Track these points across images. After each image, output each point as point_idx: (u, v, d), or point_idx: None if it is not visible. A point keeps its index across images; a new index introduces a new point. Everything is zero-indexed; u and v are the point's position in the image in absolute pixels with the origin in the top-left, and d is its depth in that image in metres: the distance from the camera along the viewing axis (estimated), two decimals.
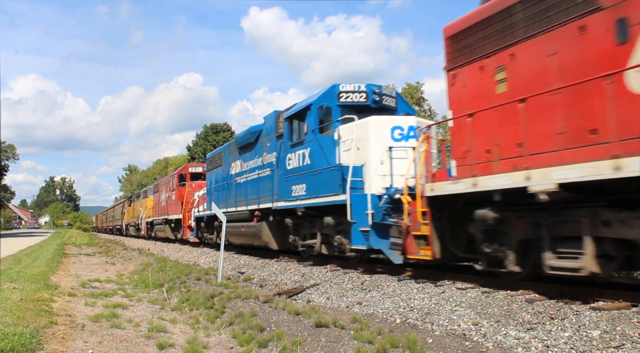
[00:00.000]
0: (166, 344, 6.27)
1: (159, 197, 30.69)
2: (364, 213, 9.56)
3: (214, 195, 18.99)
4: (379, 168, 9.74)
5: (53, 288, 10.47)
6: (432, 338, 5.69)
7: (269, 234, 13.87)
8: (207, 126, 60.34)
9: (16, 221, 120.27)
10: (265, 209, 13.93)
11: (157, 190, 31.91)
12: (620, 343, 4.72)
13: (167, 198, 27.98)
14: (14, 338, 5.56)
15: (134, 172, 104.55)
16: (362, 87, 11.23)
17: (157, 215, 30.92)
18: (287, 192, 12.44)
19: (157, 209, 31.07)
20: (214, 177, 19.54)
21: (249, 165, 15.68)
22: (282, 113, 13.31)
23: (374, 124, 9.98)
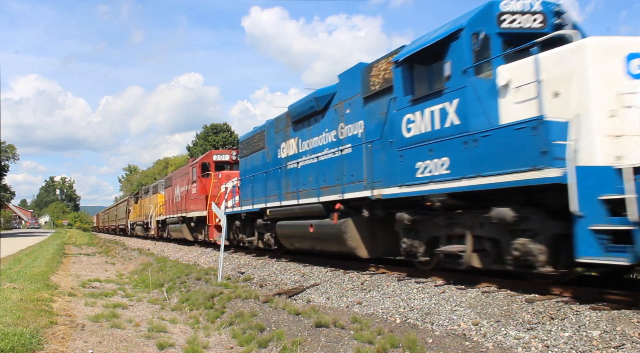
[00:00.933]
0: (166, 344, 6.28)
1: (173, 192, 26.52)
2: (596, 200, 5.62)
3: (254, 185, 15.21)
4: (608, 124, 5.98)
5: (53, 288, 10.47)
6: (432, 338, 5.69)
7: (357, 236, 9.93)
8: (207, 126, 60.39)
9: (16, 221, 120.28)
10: (354, 200, 9.94)
11: (169, 184, 27.87)
12: (620, 343, 4.72)
13: (185, 193, 23.61)
14: (14, 338, 5.56)
15: (134, 172, 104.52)
16: (535, 5, 7.47)
17: (171, 212, 26.62)
18: (403, 172, 8.41)
19: (171, 206, 26.94)
20: (252, 164, 15.86)
21: (312, 143, 12.02)
22: (384, 60, 9.36)
23: (596, 50, 6.18)
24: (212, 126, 60.09)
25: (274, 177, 13.90)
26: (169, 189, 27.86)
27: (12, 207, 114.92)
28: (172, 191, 26.71)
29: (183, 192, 24.11)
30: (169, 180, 28.48)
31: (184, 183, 24.01)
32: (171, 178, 27.85)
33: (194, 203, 21.59)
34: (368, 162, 9.55)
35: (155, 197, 32.45)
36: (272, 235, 13.85)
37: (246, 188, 15.94)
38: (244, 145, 16.78)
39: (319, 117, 11.71)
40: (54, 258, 18.66)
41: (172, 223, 25.97)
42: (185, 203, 23.18)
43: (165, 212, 28.26)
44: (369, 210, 9.58)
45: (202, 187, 21.10)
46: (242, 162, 16.83)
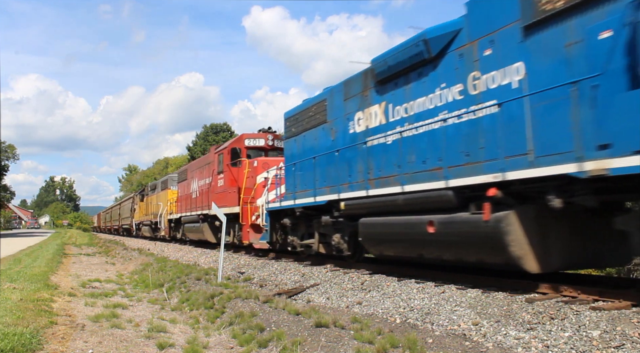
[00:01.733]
0: (166, 344, 6.28)
1: (189, 187, 23.38)
2: None
3: (311, 172, 11.81)
4: None
5: (53, 288, 10.47)
6: (432, 338, 5.69)
7: (524, 239, 6.50)
8: (206, 126, 60.43)
9: (16, 221, 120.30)
10: (532, 181, 6.37)
11: (184, 178, 24.69)
12: (620, 343, 4.72)
13: (207, 187, 20.15)
14: (14, 338, 5.56)
15: (134, 172, 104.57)
16: None
17: (186, 210, 23.18)
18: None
19: (186, 202, 23.49)
20: (305, 145, 12.52)
21: (414, 107, 8.70)
22: None
23: None
24: (212, 126, 60.12)
25: (345, 159, 10.49)
26: (183, 184, 24.75)
27: (12, 207, 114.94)
28: (188, 185, 23.59)
29: (203, 186, 20.69)
30: (183, 174, 25.19)
31: (205, 175, 20.68)
32: (187, 171, 24.50)
33: (221, 198, 17.38)
34: (579, 118, 5.79)
35: (165, 193, 28.98)
36: (345, 237, 10.74)
37: (295, 176, 12.72)
38: (292, 122, 13.16)
39: (427, 69, 8.42)
40: (54, 258, 18.66)
41: (190, 222, 22.30)
42: (207, 198, 19.40)
43: (179, 210, 24.67)
44: (561, 196, 6.08)
45: (231, 178, 17.25)
46: (289, 145, 13.34)
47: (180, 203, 24.77)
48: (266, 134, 18.15)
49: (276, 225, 13.46)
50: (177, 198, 26.00)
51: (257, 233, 15.18)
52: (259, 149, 17.79)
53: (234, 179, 17.09)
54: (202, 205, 20.47)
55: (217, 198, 17.53)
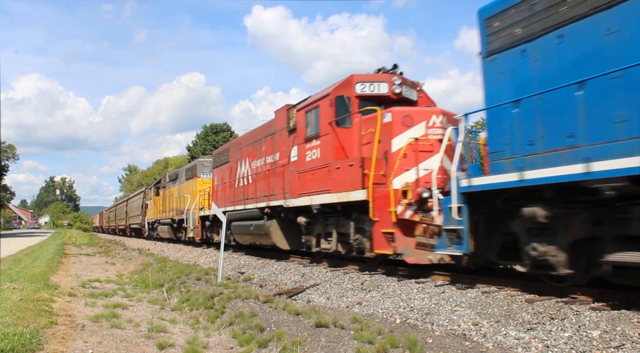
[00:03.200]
0: (166, 344, 6.28)
1: (233, 171, 17.24)
2: None
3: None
4: None
5: (53, 288, 10.47)
6: (432, 339, 5.69)
7: None
8: (206, 126, 60.44)
9: (16, 221, 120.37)
10: None
11: (224, 160, 18.39)
12: (620, 343, 4.72)
13: (271, 167, 14.05)
14: (14, 338, 5.56)
15: (134, 172, 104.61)
16: None
17: (231, 202, 16.94)
18: None
19: (229, 193, 17.42)
20: (569, 53, 6.21)
21: None
22: None
23: None
24: (211, 126, 60.14)
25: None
26: (222, 169, 18.55)
27: (12, 207, 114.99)
28: (231, 170, 17.43)
29: (262, 167, 14.64)
30: (222, 156, 18.76)
31: (265, 151, 14.58)
32: (229, 152, 18.04)
33: (316, 180, 11.29)
34: None
35: (192, 183, 23.30)
36: None
37: (529, 122, 6.66)
38: (516, 16, 6.98)
39: None
40: (54, 259, 18.65)
41: (240, 219, 15.76)
42: (274, 183, 13.66)
43: (218, 203, 17.13)
44: None
45: (336, 144, 10.73)
46: (500, 64, 7.19)
47: (220, 195, 18.34)
48: (390, 76, 10.97)
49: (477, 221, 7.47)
50: (212, 188, 19.64)
51: (408, 236, 8.90)
52: (377, 100, 10.79)
53: (340, 147, 10.65)
54: (261, 194, 14.44)
55: (306, 181, 11.62)
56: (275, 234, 13.45)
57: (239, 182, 16.62)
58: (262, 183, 14.55)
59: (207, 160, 22.81)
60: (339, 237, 10.90)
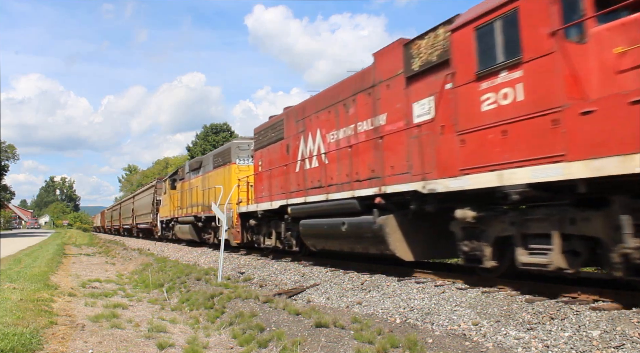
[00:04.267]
0: (166, 344, 6.28)
1: (294, 149, 12.74)
2: None
3: None
4: None
5: (53, 288, 10.47)
6: (432, 338, 5.69)
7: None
8: (206, 126, 60.48)
9: (16, 221, 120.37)
10: None
11: (275, 137, 13.92)
12: (620, 343, 4.72)
13: (366, 136, 9.82)
14: (14, 338, 5.56)
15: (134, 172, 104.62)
16: None
17: (287, 192, 12.86)
18: None
19: (284, 180, 13.16)
20: None
21: None
22: None
23: None
24: (211, 126, 60.16)
25: None
26: (272, 149, 14.10)
27: (12, 207, 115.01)
28: (290, 148, 12.93)
29: (351, 139, 10.30)
30: (271, 131, 14.26)
31: (364, 110, 9.93)
32: (282, 124, 13.49)
33: (509, 142, 6.59)
34: None
35: (223, 171, 18.87)
36: None
37: None
38: None
39: None
40: (54, 259, 18.65)
41: (321, 214, 11.03)
42: (382, 159, 9.25)
43: (265, 195, 14.19)
44: None
45: (567, 73, 5.88)
46: None
47: (269, 183, 14.07)
48: None
49: None
50: (255, 175, 15.32)
51: None
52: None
53: (574, 76, 5.87)
54: (352, 178, 10.09)
55: (482, 146, 7.03)
56: (393, 237, 8.73)
57: (303, 164, 12.23)
58: (355, 161, 10.04)
59: (245, 141, 18.34)
60: (566, 243, 6.24)
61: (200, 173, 22.02)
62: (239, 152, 18.34)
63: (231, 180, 17.67)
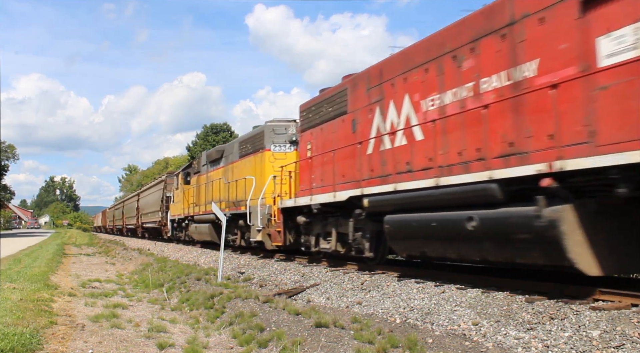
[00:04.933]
0: (166, 344, 6.28)
1: (367, 124, 9.94)
2: None
3: None
4: None
5: (53, 288, 10.47)
6: (432, 338, 5.69)
7: None
8: (206, 126, 60.49)
9: (16, 221, 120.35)
10: None
11: (334, 112, 11.22)
12: (620, 343, 4.72)
13: (497, 94, 6.94)
14: (14, 338, 5.56)
15: (134, 172, 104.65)
16: None
17: (359, 180, 9.97)
18: None
19: (353, 164, 10.29)
20: None
21: None
22: None
23: None
24: (211, 126, 60.18)
25: None
26: (329, 127, 11.48)
27: (12, 207, 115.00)
28: (359, 123, 10.26)
29: (470, 101, 7.46)
30: (328, 105, 11.61)
31: (492, 62, 7.11)
32: (346, 94, 10.83)
33: None
34: None
35: (254, 160, 15.92)
36: None
37: None
38: None
39: None
40: (54, 259, 18.66)
41: (426, 207, 7.96)
42: (542, 123, 6.26)
43: (317, 184, 11.70)
44: None
45: None
46: None
47: (325, 171, 11.41)
48: None
49: None
50: (302, 162, 12.72)
51: None
52: None
53: None
54: (479, 155, 7.23)
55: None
56: (573, 239, 5.98)
57: (379, 142, 9.48)
58: (477, 130, 7.24)
59: (282, 124, 15.54)
60: None
61: (222, 164, 19.04)
62: (274, 136, 15.30)
63: (264, 170, 14.84)
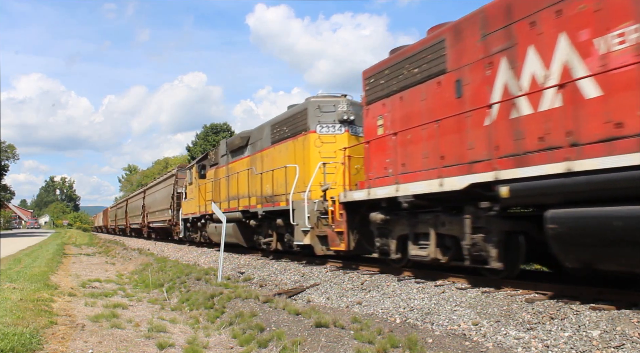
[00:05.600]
0: (166, 344, 6.28)
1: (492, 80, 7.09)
2: None
3: None
4: None
5: (53, 288, 10.47)
6: (432, 338, 5.69)
7: None
8: (206, 126, 60.54)
9: (16, 221, 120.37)
10: None
11: (426, 71, 8.46)
12: (620, 343, 4.72)
13: None
14: (14, 338, 5.56)
15: (134, 172, 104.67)
16: None
17: (496, 157, 6.91)
18: None
19: (483, 134, 7.21)
20: None
21: None
22: None
23: None
24: (211, 126, 60.21)
25: None
26: (408, 97, 8.96)
27: (12, 207, 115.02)
28: (476, 80, 7.45)
29: None
30: (407, 67, 9.03)
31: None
32: (444, 48, 8.09)
33: None
34: None
35: (294, 145, 13.20)
36: None
37: None
38: None
39: None
40: (54, 258, 18.65)
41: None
42: None
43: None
44: None
45: None
46: None
47: (411, 152, 8.84)
48: None
49: None
50: (376, 142, 9.85)
51: None
52: None
53: None
54: None
55: None
56: None
57: (511, 107, 6.90)
58: None
59: (329, 99, 12.67)
60: None
61: (247, 153, 16.24)
62: (321, 115, 12.41)
63: (309, 156, 12.20)
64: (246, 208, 15.19)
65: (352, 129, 12.42)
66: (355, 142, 12.01)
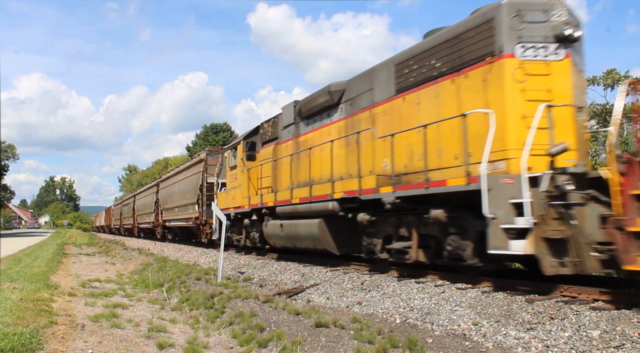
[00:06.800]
0: (166, 344, 6.27)
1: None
2: None
3: None
4: None
5: (53, 288, 10.47)
6: (432, 338, 5.69)
7: None
8: (206, 126, 60.55)
9: (16, 221, 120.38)
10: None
11: None
12: (620, 343, 4.72)
13: None
14: (14, 338, 5.56)
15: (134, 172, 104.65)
16: None
17: None
18: None
19: None
20: None
21: None
22: None
23: None
24: (211, 126, 60.22)
25: None
26: None
27: (12, 207, 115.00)
28: None
29: None
30: None
31: None
32: None
33: None
34: None
35: (433, 92, 8.24)
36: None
37: None
38: None
39: None
40: (54, 258, 18.65)
41: None
42: None
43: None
44: None
45: None
46: None
47: None
48: None
49: None
50: None
51: None
52: None
53: None
54: None
55: None
56: None
57: None
58: None
59: (537, 1, 7.34)
60: None
61: (341, 115, 11.17)
62: (524, 26, 7.19)
63: (504, 99, 7.13)
64: (351, 195, 9.87)
65: (575, 54, 7.42)
66: (577, 78, 7.39)
